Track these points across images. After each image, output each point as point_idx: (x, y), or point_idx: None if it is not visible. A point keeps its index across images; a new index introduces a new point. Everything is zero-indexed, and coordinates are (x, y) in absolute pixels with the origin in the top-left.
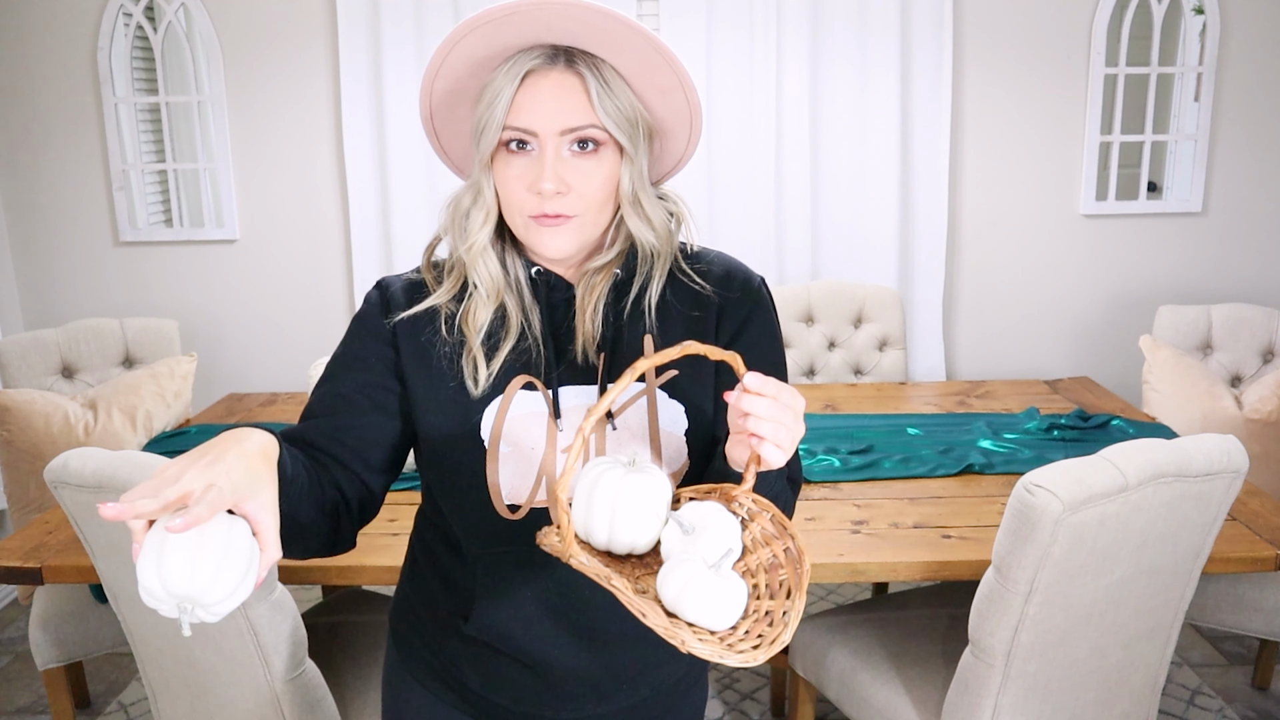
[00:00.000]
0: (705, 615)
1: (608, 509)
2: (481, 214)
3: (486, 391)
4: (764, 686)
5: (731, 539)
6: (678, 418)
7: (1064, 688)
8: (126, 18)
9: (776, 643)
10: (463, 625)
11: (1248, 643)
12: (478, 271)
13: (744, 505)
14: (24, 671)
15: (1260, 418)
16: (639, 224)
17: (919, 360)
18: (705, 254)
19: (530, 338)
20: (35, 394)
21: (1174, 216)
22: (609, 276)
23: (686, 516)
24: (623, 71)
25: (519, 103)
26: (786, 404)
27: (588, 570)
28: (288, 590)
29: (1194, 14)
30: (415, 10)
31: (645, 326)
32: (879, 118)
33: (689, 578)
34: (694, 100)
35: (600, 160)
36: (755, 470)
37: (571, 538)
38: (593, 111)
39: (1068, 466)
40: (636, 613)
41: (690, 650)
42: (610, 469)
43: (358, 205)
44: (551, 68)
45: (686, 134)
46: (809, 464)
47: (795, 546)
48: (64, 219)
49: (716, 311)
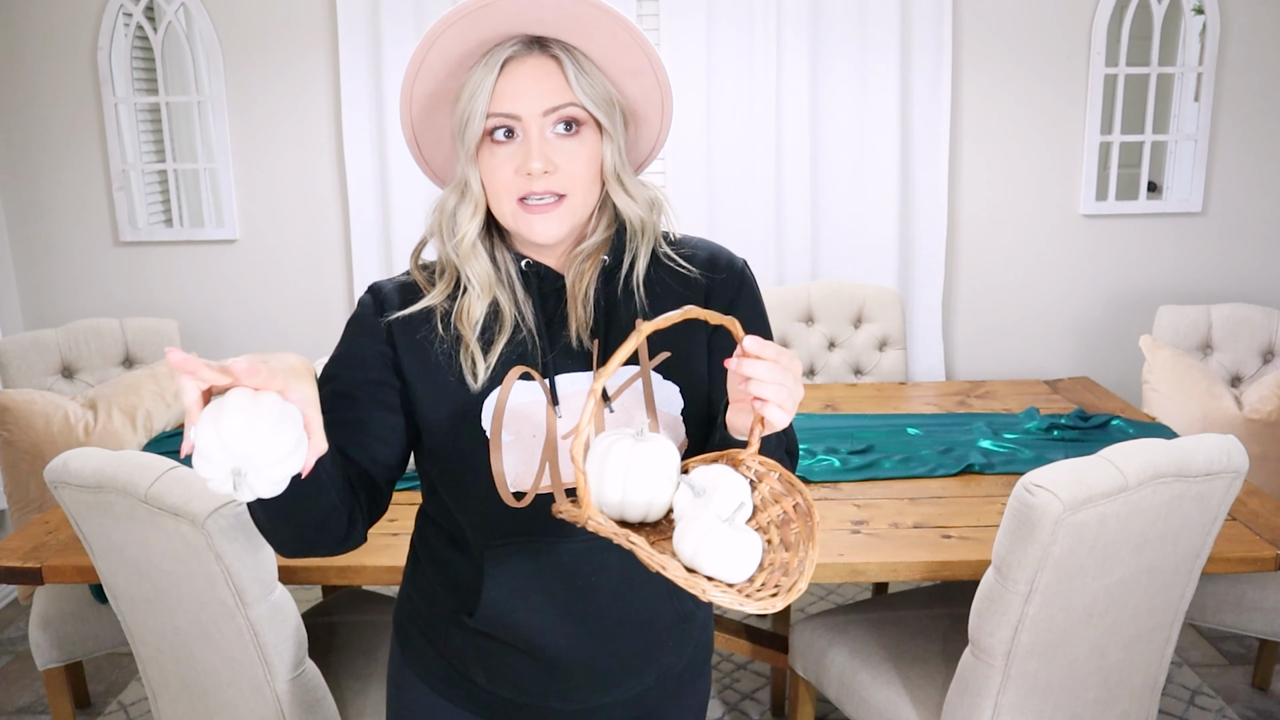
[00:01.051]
0: (723, 567)
1: (620, 475)
2: (469, 208)
3: (485, 385)
4: (764, 686)
5: (743, 495)
6: (673, 398)
7: (1064, 688)
8: (126, 18)
9: (793, 590)
10: (468, 619)
11: (1248, 643)
12: (470, 267)
13: (751, 467)
14: (24, 671)
15: (1260, 418)
16: (625, 199)
17: (919, 360)
18: (688, 240)
19: (525, 329)
20: (35, 394)
21: (1174, 216)
22: (597, 263)
23: (697, 479)
24: (595, 56)
25: (500, 90)
26: (786, 366)
27: (604, 530)
28: (288, 590)
29: (1194, 14)
30: (415, 10)
31: (636, 307)
32: (879, 117)
33: (705, 531)
34: (664, 80)
35: (583, 140)
36: (760, 432)
37: (589, 498)
38: (571, 91)
39: (1068, 466)
40: (657, 565)
41: (710, 598)
42: (620, 439)
43: (358, 205)
44: (528, 55)
45: (659, 117)
46: (809, 464)
47: (805, 501)
48: (64, 219)
49: (704, 292)
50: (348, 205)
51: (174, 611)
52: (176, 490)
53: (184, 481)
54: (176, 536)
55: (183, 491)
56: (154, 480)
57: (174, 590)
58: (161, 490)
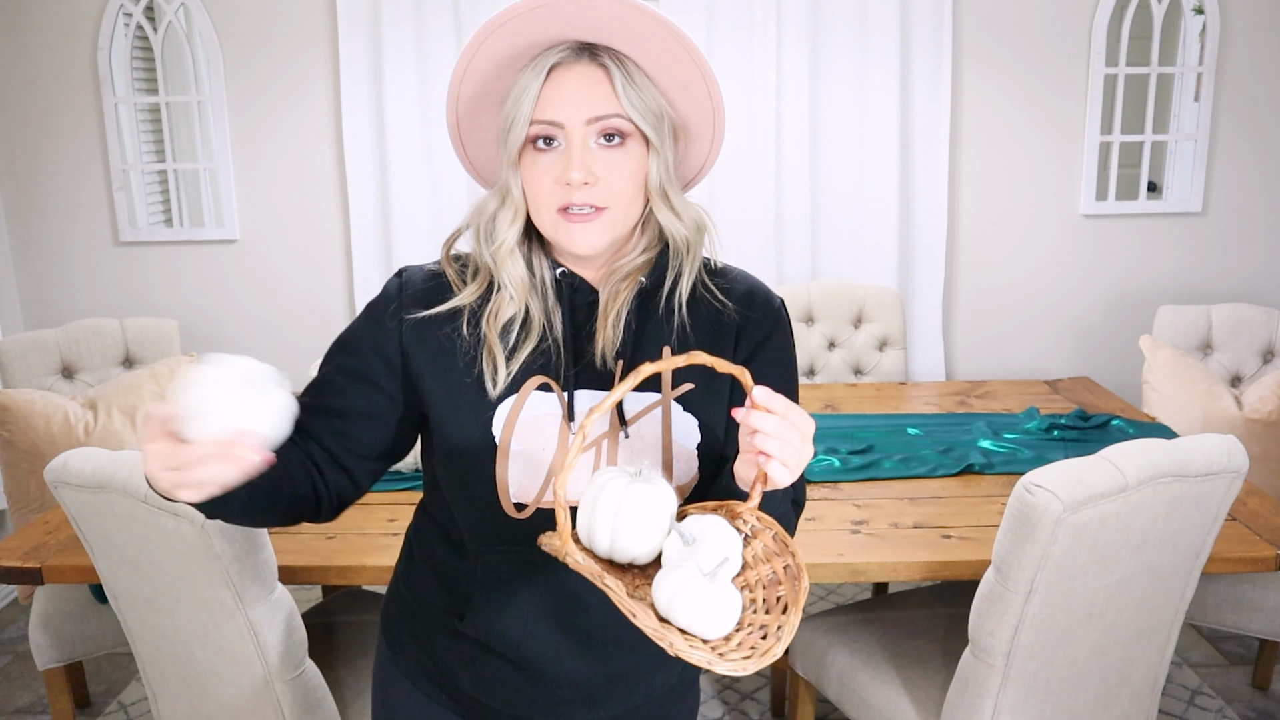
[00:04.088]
0: (697, 622)
1: (610, 516)
2: (510, 213)
3: (503, 391)
4: (764, 686)
5: (730, 550)
6: (690, 430)
7: (1064, 688)
8: (126, 18)
9: (768, 655)
10: (457, 623)
11: (1248, 643)
12: (507, 271)
13: (748, 522)
14: (24, 671)
15: (1260, 418)
16: (669, 216)
17: (919, 360)
18: (729, 270)
19: (551, 339)
20: (35, 394)
21: (1174, 216)
22: (634, 283)
23: (688, 528)
24: (646, 67)
25: (545, 96)
26: (795, 423)
27: (583, 569)
28: (287, 590)
29: (1194, 14)
30: (415, 11)
31: (668, 333)
32: (879, 118)
33: (683, 583)
34: (716, 96)
35: (627, 153)
36: (761, 488)
37: (568, 533)
38: (618, 102)
39: (1068, 466)
40: (627, 612)
41: (678, 653)
42: (616, 478)
43: (358, 205)
44: (576, 61)
45: (710, 134)
46: (809, 464)
47: (795, 564)
48: (64, 219)
49: (736, 329)
50: (348, 205)
51: (174, 611)
52: None
53: None
54: (176, 536)
55: None
56: None
57: (174, 590)
58: None
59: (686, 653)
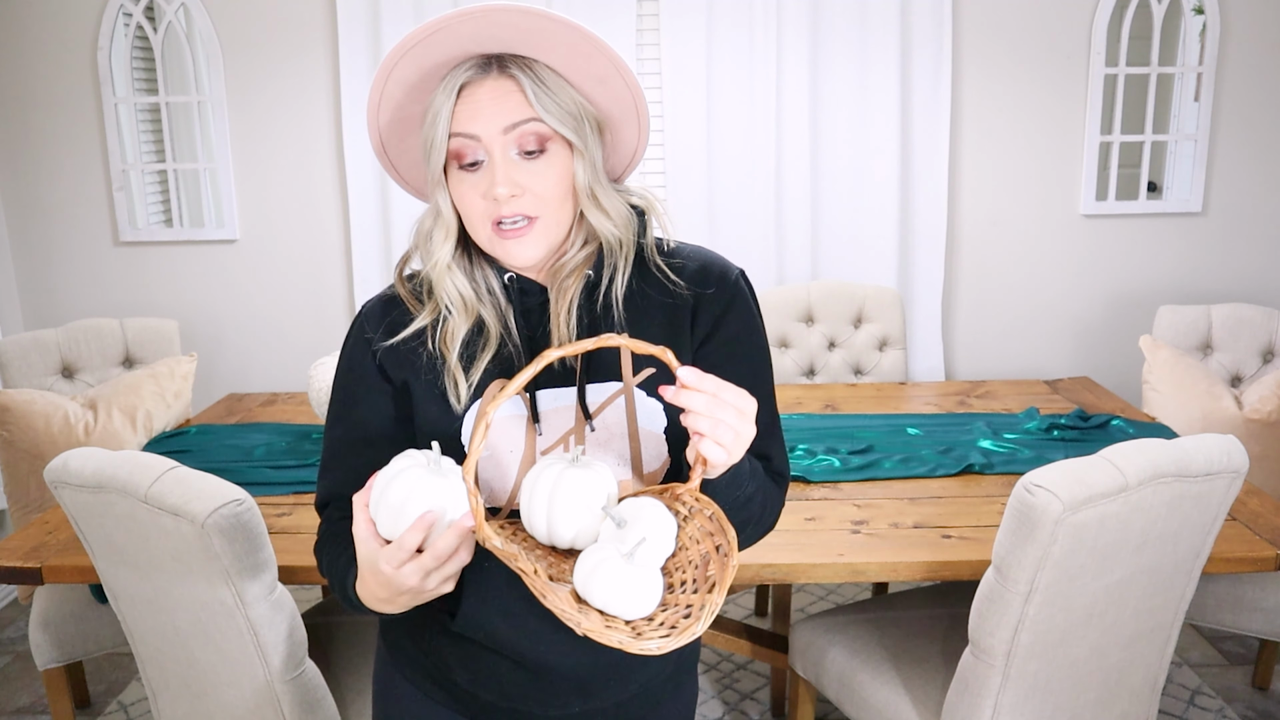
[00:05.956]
0: (613, 601)
1: (545, 501)
2: (442, 232)
3: (469, 402)
4: (764, 686)
5: (656, 531)
6: (656, 415)
7: (1064, 688)
8: (126, 18)
9: (685, 634)
10: (449, 622)
11: (1248, 643)
12: (445, 289)
13: (686, 503)
14: (24, 671)
15: (1260, 418)
16: (598, 216)
17: (919, 360)
18: (681, 249)
19: (510, 344)
20: (35, 394)
21: (1174, 216)
22: (580, 278)
23: (620, 511)
24: (558, 68)
25: (458, 114)
26: (728, 401)
27: (499, 553)
28: (288, 590)
29: (1194, 14)
30: (415, 11)
31: (615, 324)
32: (879, 118)
33: (598, 563)
34: (633, 83)
35: (550, 159)
36: (701, 469)
37: (482, 519)
38: (531, 108)
39: (1068, 466)
40: (537, 593)
41: (585, 633)
42: (552, 465)
43: (358, 205)
44: (485, 76)
45: (634, 122)
46: (809, 464)
47: (727, 543)
48: (64, 219)
49: (691, 308)
50: (348, 205)
51: (174, 611)
52: (176, 490)
53: (184, 481)
54: (176, 536)
55: (183, 491)
56: (154, 480)
57: (174, 590)
58: (161, 490)
59: (600, 633)
